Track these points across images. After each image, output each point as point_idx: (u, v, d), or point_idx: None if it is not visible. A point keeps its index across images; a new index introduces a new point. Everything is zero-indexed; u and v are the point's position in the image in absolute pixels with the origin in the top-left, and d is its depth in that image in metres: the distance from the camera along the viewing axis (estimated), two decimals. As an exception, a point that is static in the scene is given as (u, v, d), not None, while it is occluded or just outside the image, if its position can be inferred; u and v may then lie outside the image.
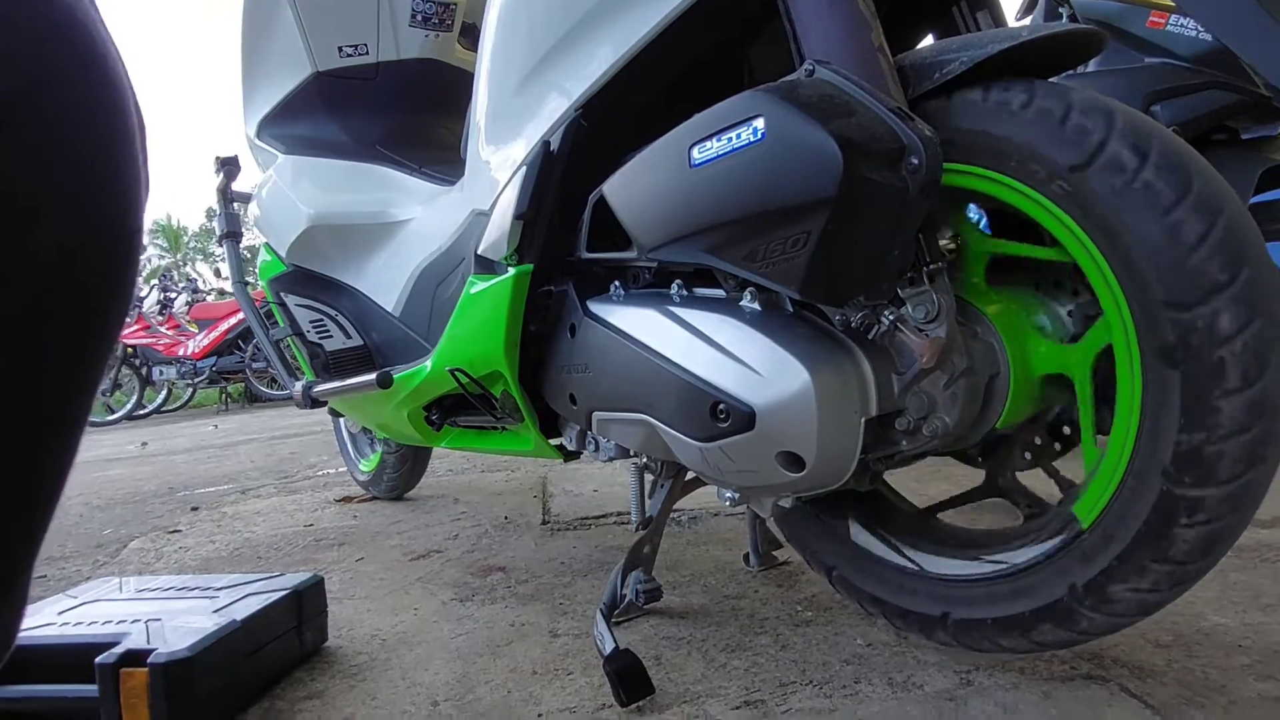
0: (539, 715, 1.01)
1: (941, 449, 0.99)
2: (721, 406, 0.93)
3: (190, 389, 8.81)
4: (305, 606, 1.22)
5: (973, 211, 0.95)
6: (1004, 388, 0.93)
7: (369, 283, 1.97)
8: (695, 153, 0.87)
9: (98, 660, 0.99)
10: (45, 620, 1.13)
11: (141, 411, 8.46)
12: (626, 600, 1.27)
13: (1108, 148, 0.77)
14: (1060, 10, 2.35)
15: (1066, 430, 1.00)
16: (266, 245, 2.12)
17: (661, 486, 1.30)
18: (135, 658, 0.99)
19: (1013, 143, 0.81)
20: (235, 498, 2.70)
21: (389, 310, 1.90)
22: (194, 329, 8.72)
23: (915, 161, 0.77)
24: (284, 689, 1.14)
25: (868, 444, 0.91)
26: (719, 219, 0.86)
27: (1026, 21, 2.56)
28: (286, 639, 1.18)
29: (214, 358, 8.35)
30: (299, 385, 1.78)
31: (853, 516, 1.11)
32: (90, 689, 1.00)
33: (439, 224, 1.71)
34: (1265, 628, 1.08)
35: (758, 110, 0.81)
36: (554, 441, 1.40)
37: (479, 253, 1.30)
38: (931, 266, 0.87)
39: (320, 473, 3.09)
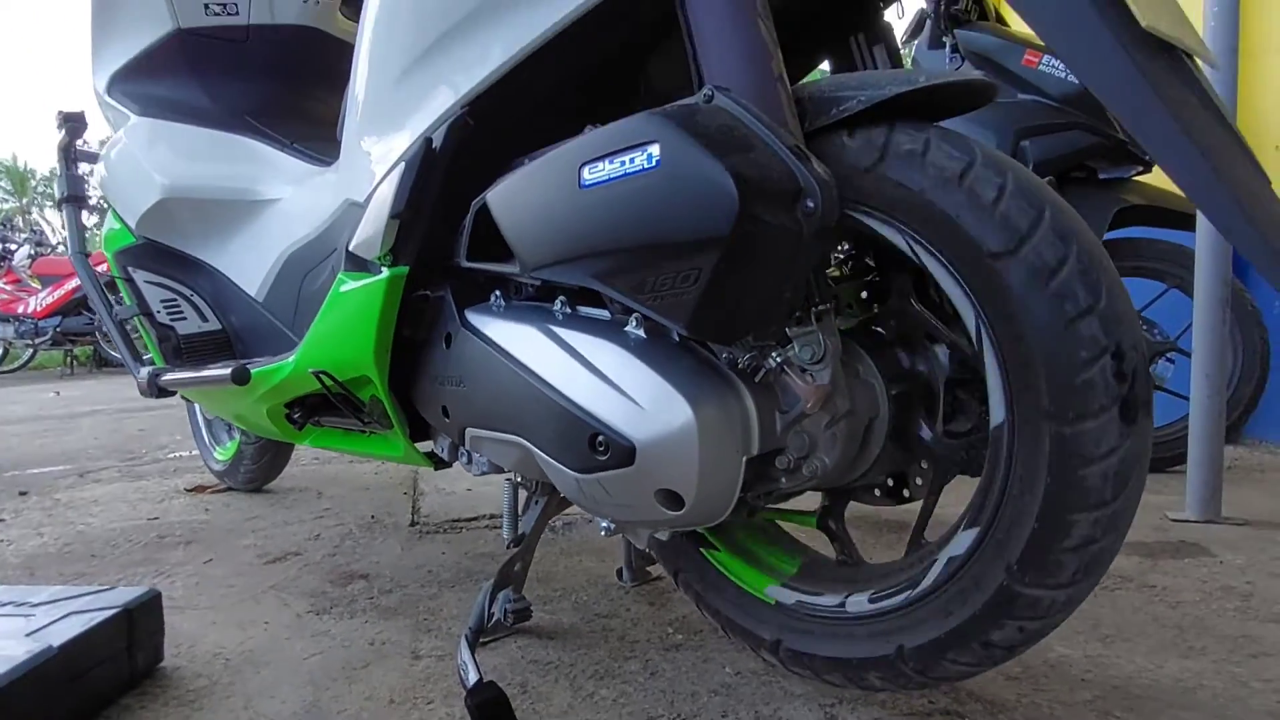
0: (393, 753, 0.95)
1: (815, 488, 0.99)
2: (601, 439, 0.89)
3: (30, 350, 8.09)
4: (137, 625, 1.11)
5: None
6: (882, 430, 0.94)
7: (230, 263, 1.82)
8: (586, 173, 0.82)
9: (-122, 698, 0.86)
10: None
11: (-28, 371, 7.72)
12: (494, 620, 1.22)
13: (1001, 204, 0.77)
14: (944, 40, 2.42)
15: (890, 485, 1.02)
16: (114, 212, 1.93)
17: (536, 503, 1.26)
18: (-75, 695, 0.87)
19: (905, 188, 0.81)
20: (72, 481, 2.48)
21: (251, 295, 1.77)
22: (36, 285, 8.01)
23: (811, 205, 0.75)
24: (109, 718, 1.03)
25: (747, 481, 0.90)
26: (607, 246, 0.82)
27: (913, 44, 2.63)
28: (114, 662, 1.07)
29: (58, 318, 7.69)
30: (145, 371, 1.63)
31: (721, 542, 1.10)
32: None
33: (309, 208, 1.60)
34: (1105, 660, 1.14)
35: (653, 136, 0.77)
36: (424, 448, 1.33)
37: (350, 249, 1.21)
38: (820, 307, 0.86)
39: (171, 455, 2.88)
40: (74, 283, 7.75)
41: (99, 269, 2.02)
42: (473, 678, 1.01)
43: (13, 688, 0.90)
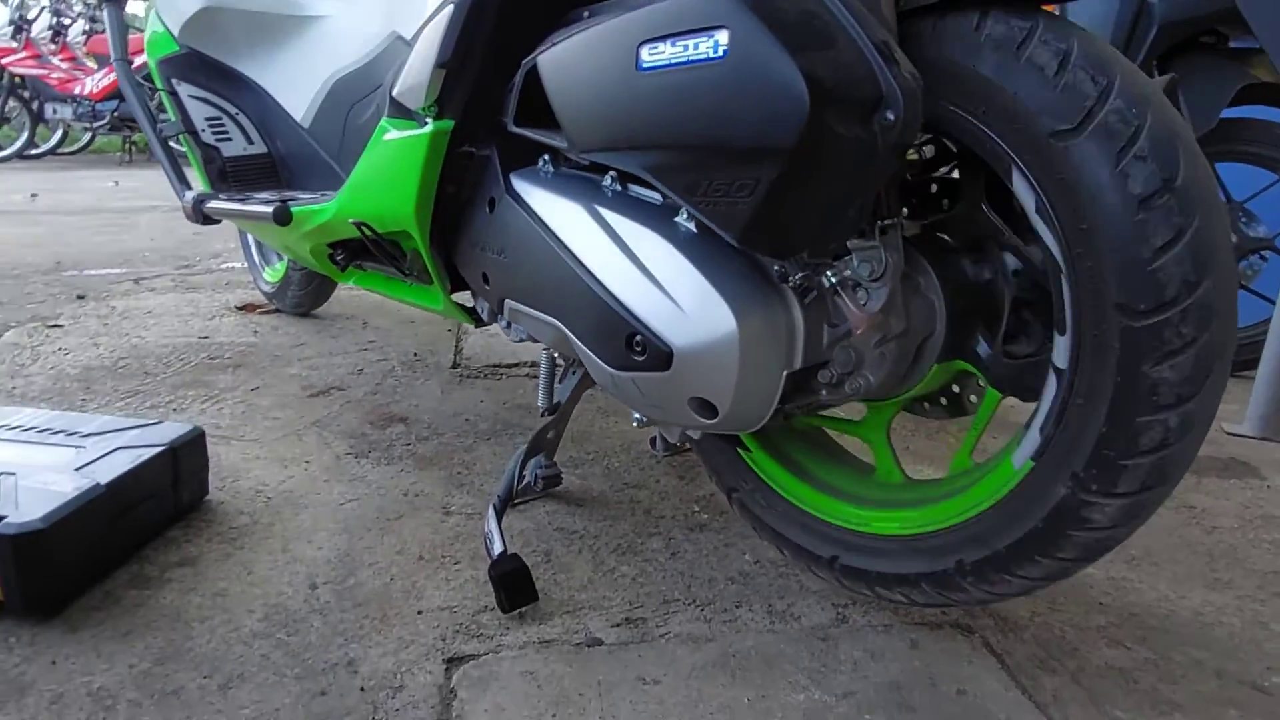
0: (419, 612, 1.00)
1: (860, 399, 0.95)
2: (638, 339, 0.85)
3: (89, 133, 8.11)
4: (182, 463, 1.15)
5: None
6: (936, 348, 0.89)
7: (275, 81, 1.75)
8: (645, 54, 0.74)
9: (-61, 523, 0.91)
10: (-116, 460, 1.04)
11: (34, 151, 7.79)
12: (525, 483, 1.24)
13: (1097, 115, 0.68)
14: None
15: (943, 403, 0.98)
16: (156, 13, 1.85)
17: (573, 373, 1.24)
18: (-18, 523, 0.92)
19: (1000, 89, 0.71)
20: (127, 288, 2.53)
21: (297, 120, 1.71)
22: (92, 64, 7.90)
23: (891, 117, 0.67)
24: (155, 550, 1.09)
25: (786, 393, 0.87)
26: (660, 140, 0.75)
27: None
28: (160, 498, 1.12)
29: (115, 101, 7.62)
30: (190, 196, 1.60)
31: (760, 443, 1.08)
32: (-67, 549, 0.93)
33: (355, 33, 1.50)
34: (1127, 584, 1.13)
35: (723, 19, 0.68)
36: (465, 297, 1.31)
37: (394, 95, 1.14)
38: (886, 222, 0.79)
39: (224, 265, 2.92)
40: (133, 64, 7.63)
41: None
42: (497, 549, 1.03)
43: (62, 524, 0.94)
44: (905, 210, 0.84)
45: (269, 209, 1.37)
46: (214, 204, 1.56)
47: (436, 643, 0.95)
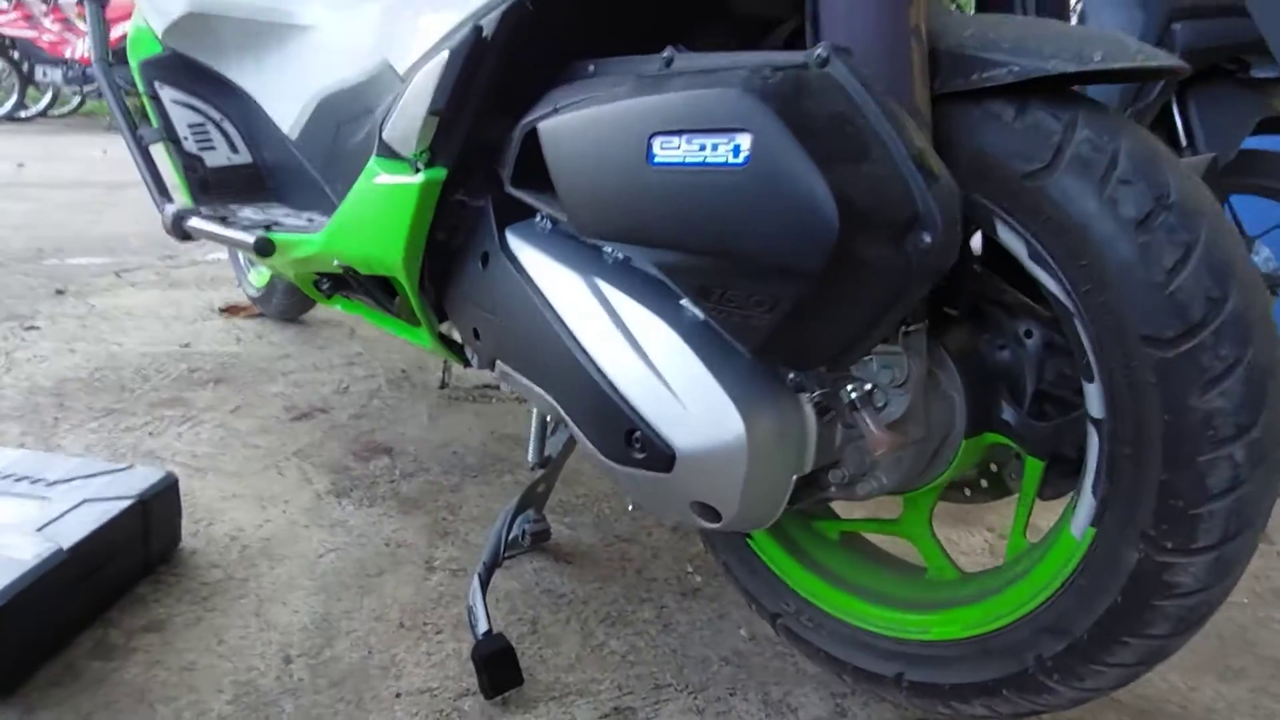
0: (397, 695, 0.95)
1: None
2: (638, 435, 0.80)
3: (78, 97, 7.95)
4: (152, 515, 1.10)
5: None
6: (953, 448, 0.83)
7: (263, 90, 1.67)
8: (658, 147, 0.67)
9: (-115, 597, 0.86)
10: None
11: (24, 114, 7.64)
12: (512, 536, 1.19)
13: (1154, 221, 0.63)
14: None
15: (983, 484, 0.92)
16: (139, 12, 1.76)
17: (564, 429, 1.19)
18: (-67, 596, 0.87)
19: (1039, 190, 0.66)
20: (109, 281, 2.46)
21: (285, 132, 1.63)
22: (83, 26, 7.70)
23: (927, 239, 0.61)
24: (121, 612, 1.04)
25: (793, 496, 0.81)
26: (671, 241, 0.69)
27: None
28: (129, 552, 1.06)
29: (107, 65, 7.46)
30: (170, 210, 1.53)
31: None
32: (-121, 622, 0.88)
33: (345, 50, 1.43)
34: (1145, 684, 1.09)
35: (745, 122, 0.62)
36: (455, 341, 1.25)
37: (384, 136, 1.07)
38: (912, 328, 0.73)
39: (209, 258, 2.84)
40: (122, 28, 7.46)
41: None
42: (482, 628, 0.98)
43: (21, 597, 0.89)
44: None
45: (250, 238, 1.30)
46: (195, 222, 1.49)
47: (415, 733, 0.90)
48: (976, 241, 0.81)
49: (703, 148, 0.64)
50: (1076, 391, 0.81)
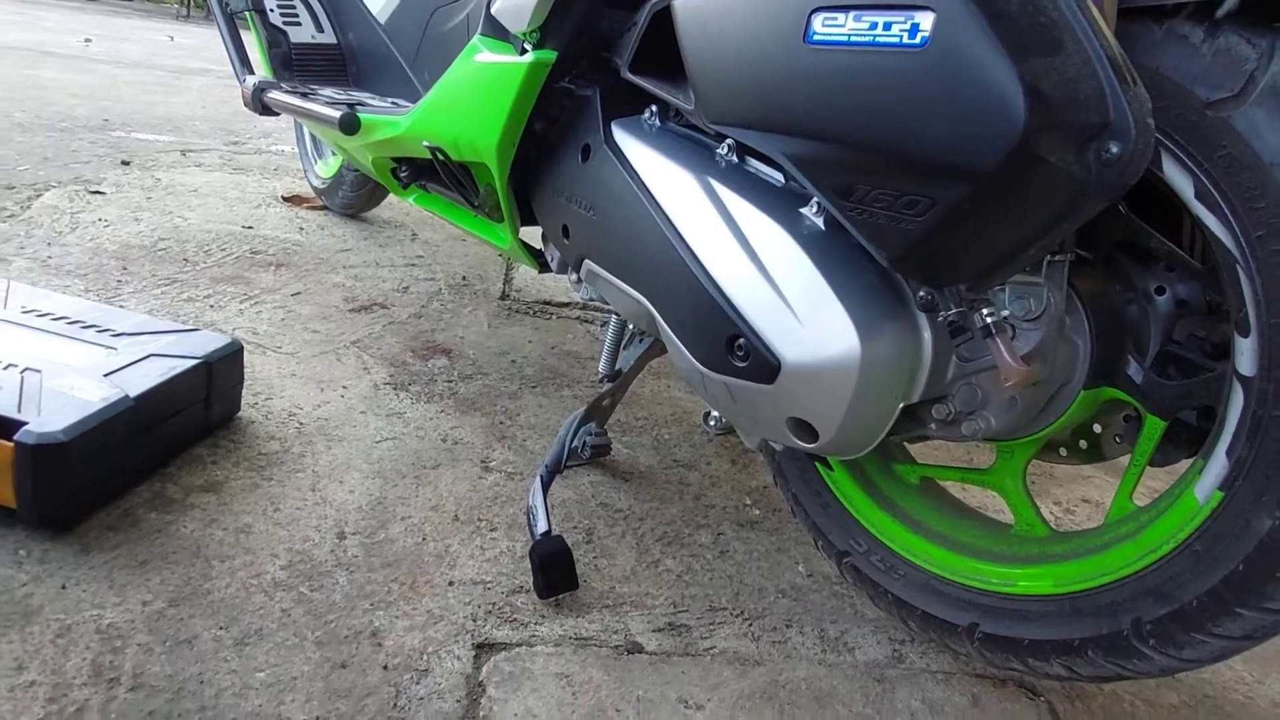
0: (450, 583, 0.93)
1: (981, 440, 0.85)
2: (742, 343, 0.76)
3: (149, -19, 7.89)
4: (216, 378, 1.08)
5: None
6: (1068, 399, 0.78)
7: (355, -33, 1.62)
8: (818, 23, 0.62)
9: (-43, 420, 0.85)
10: (-95, 335, 0.97)
11: (92, -8, 7.61)
12: (573, 448, 1.16)
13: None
14: None
15: (1082, 445, 0.87)
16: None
17: (640, 342, 1.15)
18: (2, 425, 0.85)
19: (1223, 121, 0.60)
20: (174, 159, 2.44)
21: (374, 13, 1.58)
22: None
23: (1114, 150, 0.55)
24: (180, 469, 1.03)
25: (895, 426, 0.77)
26: (819, 129, 0.64)
27: None
28: (190, 414, 1.05)
29: (179, -48, 7.40)
30: (251, 81, 1.49)
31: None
32: (-52, 445, 0.87)
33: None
34: (1210, 670, 1.05)
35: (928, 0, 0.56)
36: (532, 244, 1.22)
37: (492, 10, 1.02)
38: (1056, 257, 0.68)
39: (275, 148, 2.81)
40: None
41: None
42: (541, 528, 0.96)
43: (85, 438, 0.87)
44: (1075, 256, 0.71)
45: (335, 113, 1.26)
46: (275, 95, 1.45)
47: (467, 622, 0.88)
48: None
49: (874, 26, 0.58)
50: (1205, 354, 0.76)
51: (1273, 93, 0.60)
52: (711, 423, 1.38)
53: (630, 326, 1.15)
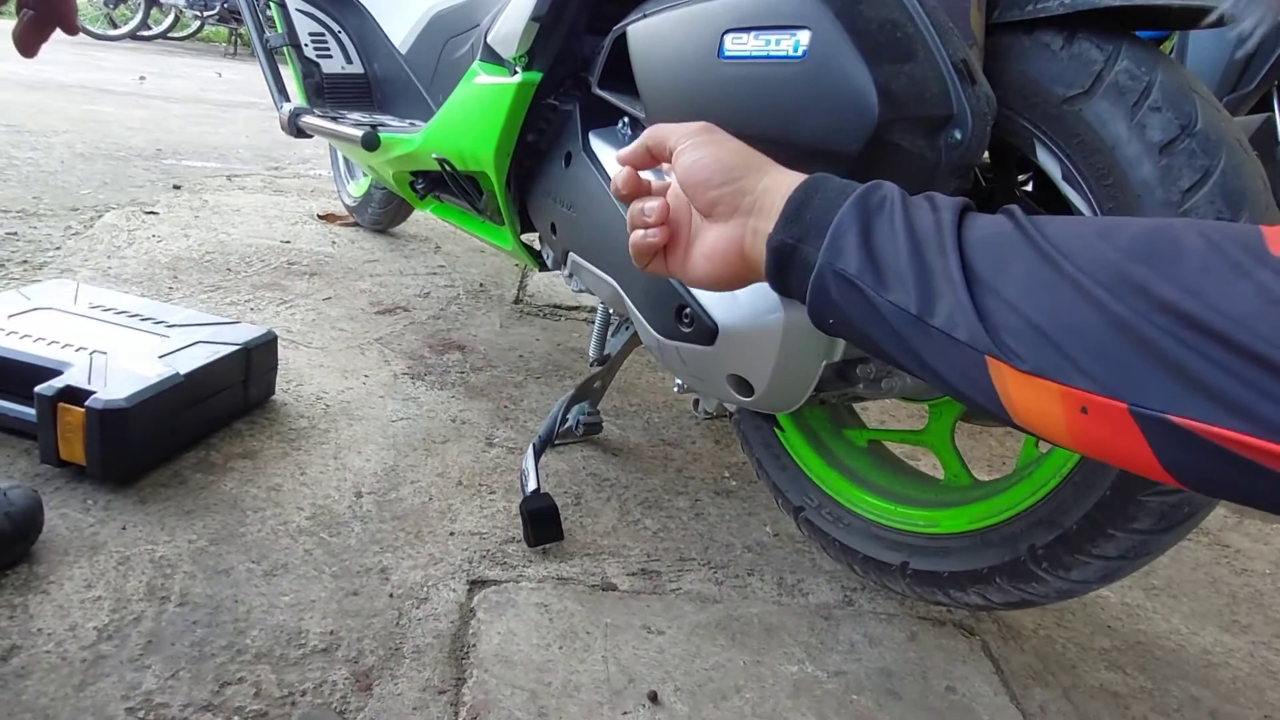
0: (450, 533, 1.07)
1: (903, 399, 0.98)
2: (687, 311, 0.89)
3: (198, 21, 8.31)
4: (254, 363, 1.23)
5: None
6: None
7: (379, 4, 1.80)
8: (729, 42, 0.76)
9: (38, 389, 1.01)
10: (-6, 324, 1.14)
11: (146, 33, 8.03)
12: (566, 426, 1.30)
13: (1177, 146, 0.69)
14: None
15: None
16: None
17: (625, 329, 1.28)
18: (74, 395, 1.01)
19: (1076, 114, 0.73)
20: (220, 183, 2.64)
21: (395, 45, 1.76)
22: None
23: (958, 136, 0.68)
24: (221, 440, 1.18)
25: (822, 383, 0.89)
26: (733, 128, 0.77)
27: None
28: (230, 393, 1.20)
29: (227, -7, 7.79)
30: (287, 108, 1.67)
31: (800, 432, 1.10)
32: (29, 411, 1.03)
33: (461, -32, 1.53)
34: (1140, 612, 1.14)
35: (806, 20, 0.70)
36: (532, 247, 1.36)
37: (488, 40, 1.17)
38: (944, 232, 0.80)
39: (312, 172, 3.02)
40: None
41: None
42: (531, 486, 1.09)
43: (144, 405, 1.03)
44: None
45: (358, 133, 1.43)
46: (308, 119, 1.63)
47: (463, 564, 1.02)
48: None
49: (768, 42, 0.72)
50: None
51: (1115, 88, 0.72)
52: (699, 408, 1.51)
53: (615, 316, 1.29)
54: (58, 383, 1.02)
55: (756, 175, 0.59)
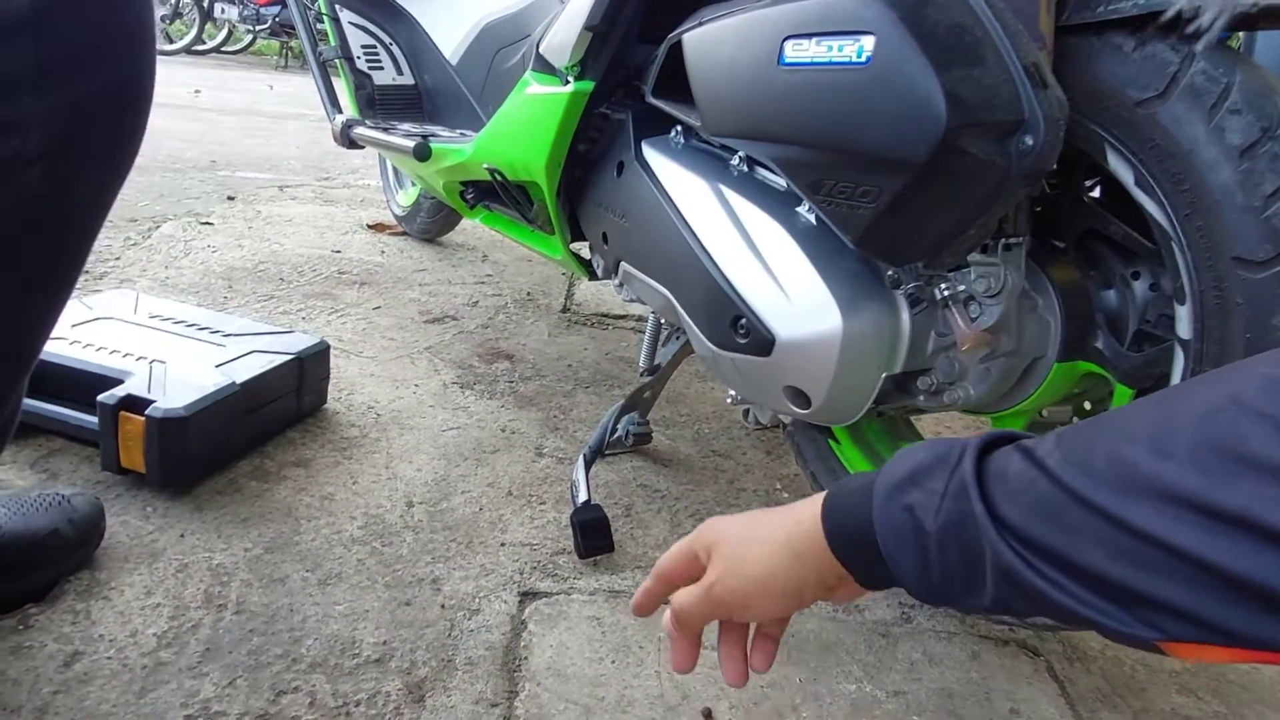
0: (502, 544, 1.06)
1: (962, 411, 0.95)
2: (743, 322, 0.88)
3: (250, 36, 8.51)
4: (306, 373, 1.25)
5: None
6: (1043, 373, 0.87)
7: (430, 17, 1.82)
8: (789, 49, 0.74)
9: (100, 398, 1.03)
10: (59, 334, 1.16)
11: (201, 47, 8.24)
12: (616, 436, 1.29)
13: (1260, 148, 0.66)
14: None
15: (1074, 421, 0.95)
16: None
17: (676, 339, 1.27)
18: (135, 403, 1.03)
19: (1151, 117, 0.70)
20: (273, 194, 2.69)
21: (445, 56, 1.77)
22: (263, -31, 8.23)
23: (1030, 142, 0.66)
24: (275, 448, 1.20)
25: (882, 394, 0.87)
26: (791, 135, 0.76)
27: None
28: (284, 401, 1.22)
29: (278, 7, 7.96)
30: (340, 120, 1.69)
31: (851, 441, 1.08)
32: (91, 419, 1.05)
33: (511, -22, 1.54)
34: (1212, 635, 1.10)
35: (870, 25, 0.68)
36: (582, 256, 1.36)
37: (540, 50, 1.17)
38: (1011, 241, 0.78)
39: (361, 182, 3.06)
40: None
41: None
42: (582, 497, 1.09)
43: (201, 414, 1.04)
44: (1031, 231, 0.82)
45: (410, 144, 1.44)
46: (360, 130, 1.65)
47: (514, 575, 1.01)
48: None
49: (830, 49, 0.70)
50: (1173, 331, 0.84)
51: (1191, 90, 0.69)
52: (750, 419, 1.49)
53: (665, 325, 1.28)
54: (119, 392, 1.04)
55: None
